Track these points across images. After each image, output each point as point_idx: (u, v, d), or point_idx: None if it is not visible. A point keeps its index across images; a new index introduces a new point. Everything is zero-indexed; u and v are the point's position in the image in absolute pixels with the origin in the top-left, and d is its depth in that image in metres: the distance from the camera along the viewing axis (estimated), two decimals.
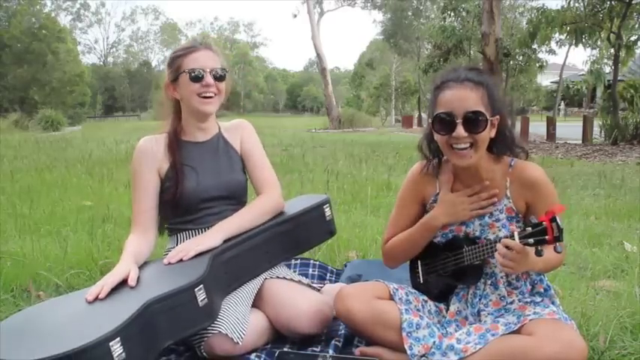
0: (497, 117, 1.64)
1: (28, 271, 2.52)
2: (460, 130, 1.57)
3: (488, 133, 1.61)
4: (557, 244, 1.43)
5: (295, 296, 1.86)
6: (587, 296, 2.18)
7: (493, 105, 1.62)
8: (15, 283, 2.42)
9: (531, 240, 1.46)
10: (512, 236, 1.51)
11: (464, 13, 18.93)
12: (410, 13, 30.79)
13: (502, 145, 1.68)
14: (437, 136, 1.65)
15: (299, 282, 1.95)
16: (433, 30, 20.35)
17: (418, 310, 1.76)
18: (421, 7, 30.51)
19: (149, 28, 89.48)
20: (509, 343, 1.54)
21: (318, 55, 27.62)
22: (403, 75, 36.60)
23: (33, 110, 25.11)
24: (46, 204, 4.24)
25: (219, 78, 1.96)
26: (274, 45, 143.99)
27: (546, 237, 1.43)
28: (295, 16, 33.78)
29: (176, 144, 1.99)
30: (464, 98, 1.58)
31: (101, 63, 60.16)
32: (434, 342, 1.64)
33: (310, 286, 1.98)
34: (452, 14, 19.05)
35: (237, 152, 2.06)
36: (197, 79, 1.92)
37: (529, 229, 1.47)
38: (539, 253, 1.45)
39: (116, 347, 1.38)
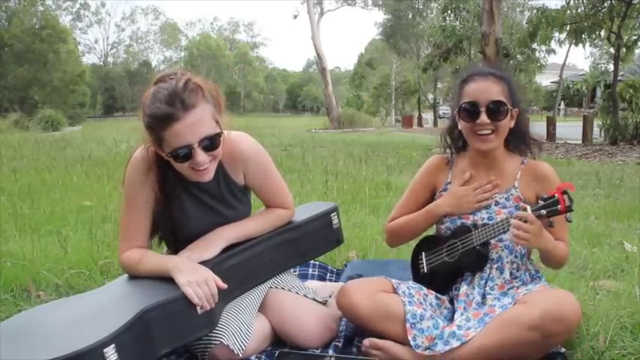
0: (517, 110, 1.80)
1: (28, 271, 2.51)
2: (483, 117, 1.74)
3: (509, 122, 1.78)
4: (569, 214, 1.57)
5: (301, 313, 1.83)
6: (587, 296, 2.18)
7: (513, 98, 1.79)
8: (15, 283, 2.42)
9: (544, 211, 1.59)
10: (524, 210, 1.62)
11: (464, 13, 18.94)
12: (410, 14, 30.78)
13: (518, 138, 1.84)
14: (462, 124, 1.81)
15: (304, 296, 1.91)
16: (433, 30, 20.38)
17: (421, 302, 1.77)
18: (421, 7, 30.49)
19: (149, 28, 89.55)
20: (503, 315, 1.61)
21: (318, 55, 27.58)
22: (403, 75, 36.60)
23: (33, 110, 24.94)
24: (46, 204, 4.24)
25: (212, 147, 1.63)
26: (274, 45, 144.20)
27: (559, 207, 1.56)
28: (295, 17, 33.60)
29: (168, 184, 1.75)
30: (487, 90, 1.76)
31: (101, 63, 60.07)
32: (437, 333, 1.67)
33: (316, 300, 1.92)
34: (452, 14, 19.05)
35: (237, 185, 1.87)
36: (185, 158, 1.62)
37: (541, 202, 1.61)
38: (550, 224, 1.62)
39: (110, 354, 1.37)
